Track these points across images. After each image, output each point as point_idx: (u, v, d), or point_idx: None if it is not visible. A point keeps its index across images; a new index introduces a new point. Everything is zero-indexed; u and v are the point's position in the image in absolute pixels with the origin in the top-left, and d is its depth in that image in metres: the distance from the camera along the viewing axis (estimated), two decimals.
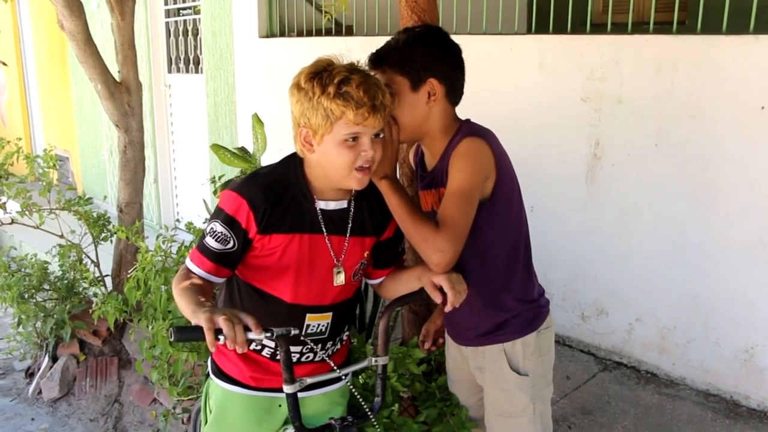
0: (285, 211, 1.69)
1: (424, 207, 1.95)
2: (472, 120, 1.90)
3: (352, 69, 1.62)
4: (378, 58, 1.82)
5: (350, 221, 1.77)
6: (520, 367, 1.91)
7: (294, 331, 1.58)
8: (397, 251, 1.92)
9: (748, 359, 3.06)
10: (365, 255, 1.82)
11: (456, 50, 1.85)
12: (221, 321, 1.42)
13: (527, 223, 1.94)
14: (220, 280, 1.73)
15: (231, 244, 1.67)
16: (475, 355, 1.99)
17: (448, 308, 1.70)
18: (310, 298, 1.77)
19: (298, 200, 1.71)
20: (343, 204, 1.76)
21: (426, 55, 1.79)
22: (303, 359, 1.84)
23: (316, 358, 1.85)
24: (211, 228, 1.68)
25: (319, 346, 1.84)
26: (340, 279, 1.78)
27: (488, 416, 2.03)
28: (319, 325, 1.81)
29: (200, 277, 1.68)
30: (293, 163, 1.74)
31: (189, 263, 1.71)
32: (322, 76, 1.60)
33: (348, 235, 1.77)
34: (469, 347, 2.01)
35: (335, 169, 1.65)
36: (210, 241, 1.68)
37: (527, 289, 1.95)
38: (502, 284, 1.90)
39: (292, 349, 1.80)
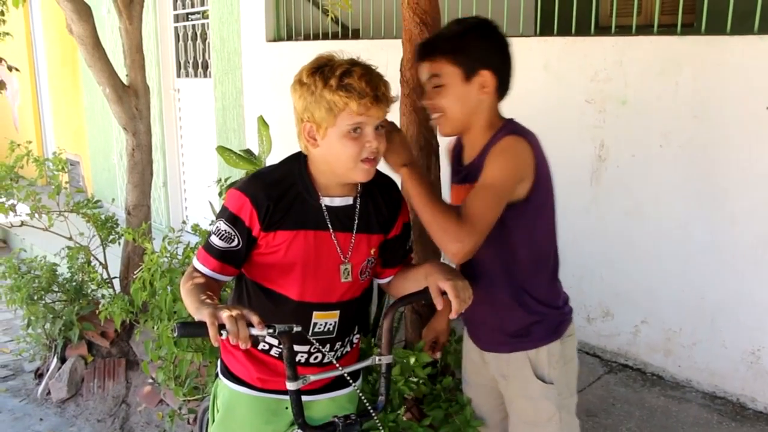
0: (289, 208, 1.70)
1: (455, 201, 1.89)
2: (514, 119, 1.87)
3: (353, 62, 1.64)
4: (429, 48, 1.78)
5: (356, 218, 1.77)
6: (545, 375, 1.86)
7: (297, 328, 1.59)
8: (404, 249, 1.91)
9: (754, 361, 3.04)
10: (372, 252, 1.81)
11: (507, 44, 1.82)
12: (224, 316, 1.43)
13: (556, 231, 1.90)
14: (226, 278, 1.75)
15: (235, 243, 1.69)
16: (498, 361, 1.94)
17: (452, 316, 1.66)
18: (316, 296, 1.77)
19: (303, 197, 1.72)
20: (349, 200, 1.76)
21: (481, 47, 1.76)
22: (311, 360, 1.84)
23: (325, 360, 1.84)
24: (217, 227, 1.71)
25: (327, 346, 1.83)
26: (347, 276, 1.77)
27: (513, 425, 1.99)
28: (326, 323, 1.80)
29: (206, 276, 1.70)
30: (297, 160, 1.75)
31: (195, 262, 1.74)
32: (324, 71, 1.62)
33: (354, 231, 1.76)
34: (491, 353, 1.96)
35: (341, 162, 1.66)
36: (215, 240, 1.70)
37: (552, 295, 1.92)
38: (527, 287, 1.86)
39: (300, 348, 1.80)
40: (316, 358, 1.84)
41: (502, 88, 1.82)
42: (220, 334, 1.43)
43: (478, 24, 1.82)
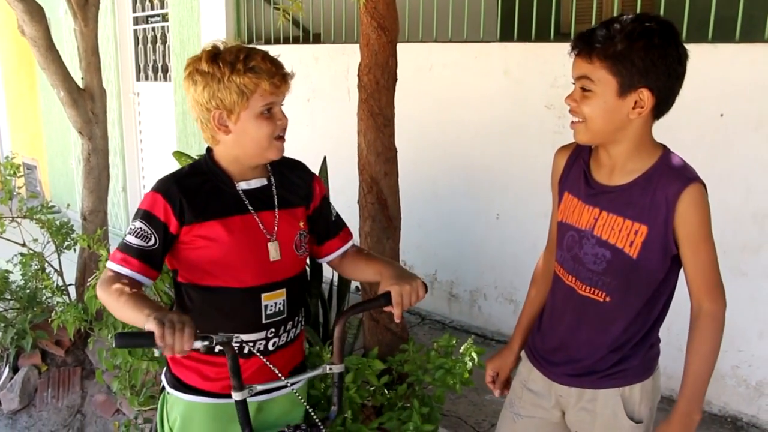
0: (207, 200, 1.70)
1: (570, 218, 1.75)
2: (668, 148, 1.72)
3: (245, 47, 1.68)
4: (588, 42, 1.56)
5: (275, 195, 1.79)
6: (635, 413, 1.74)
7: (236, 338, 1.57)
8: (333, 221, 1.92)
9: None
10: (301, 225, 1.83)
11: (683, 58, 1.56)
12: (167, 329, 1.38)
13: None
14: (147, 281, 1.68)
15: (152, 242, 1.65)
16: (579, 396, 1.78)
17: (396, 319, 1.68)
18: (257, 278, 1.75)
19: (219, 188, 1.73)
20: (264, 181, 1.79)
21: (648, 60, 1.51)
22: (270, 346, 1.80)
23: (281, 342, 1.82)
24: (132, 227, 1.68)
25: (282, 328, 1.81)
26: (275, 253, 1.76)
27: None
28: (276, 303, 1.79)
29: (129, 278, 1.63)
30: (204, 157, 1.79)
31: (113, 265, 1.65)
32: (224, 57, 1.63)
33: (276, 209, 1.78)
34: (573, 387, 1.79)
35: (256, 142, 1.68)
36: (131, 239, 1.66)
37: (655, 335, 1.79)
38: (645, 333, 1.74)
39: (257, 336, 1.77)
40: (274, 343, 1.81)
41: (661, 107, 1.59)
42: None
43: (654, 30, 1.53)
